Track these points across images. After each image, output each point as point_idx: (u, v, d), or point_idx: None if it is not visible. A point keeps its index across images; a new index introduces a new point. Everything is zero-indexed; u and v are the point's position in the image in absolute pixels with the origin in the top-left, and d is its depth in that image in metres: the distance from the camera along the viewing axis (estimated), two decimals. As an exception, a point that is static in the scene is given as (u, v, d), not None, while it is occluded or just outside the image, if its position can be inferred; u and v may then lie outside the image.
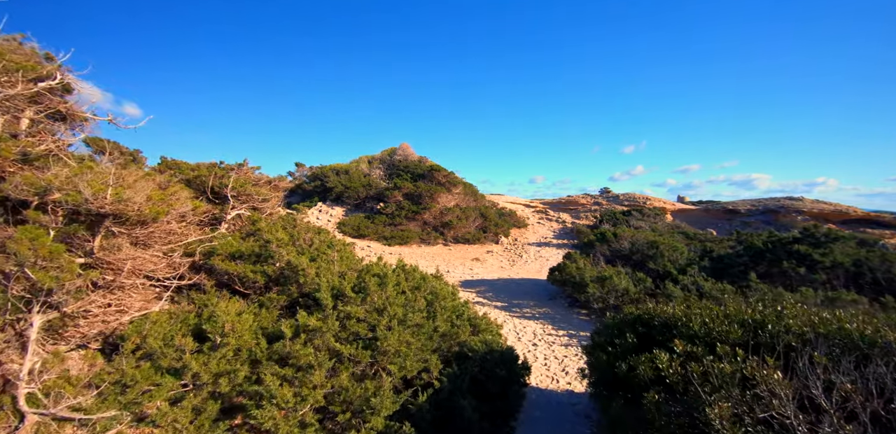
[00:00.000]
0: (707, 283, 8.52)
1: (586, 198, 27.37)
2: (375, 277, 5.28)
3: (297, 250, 7.12)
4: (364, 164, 28.72)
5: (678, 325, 3.52)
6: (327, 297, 4.85)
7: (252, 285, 6.00)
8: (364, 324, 4.64)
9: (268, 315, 5.14)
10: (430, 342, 4.63)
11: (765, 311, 3.49)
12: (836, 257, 8.57)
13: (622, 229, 11.66)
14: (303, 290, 5.48)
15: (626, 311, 4.36)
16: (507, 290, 12.52)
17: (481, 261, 17.90)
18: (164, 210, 4.92)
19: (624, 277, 9.42)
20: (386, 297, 5.07)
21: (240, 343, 4.03)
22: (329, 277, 5.61)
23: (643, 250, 10.70)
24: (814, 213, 20.46)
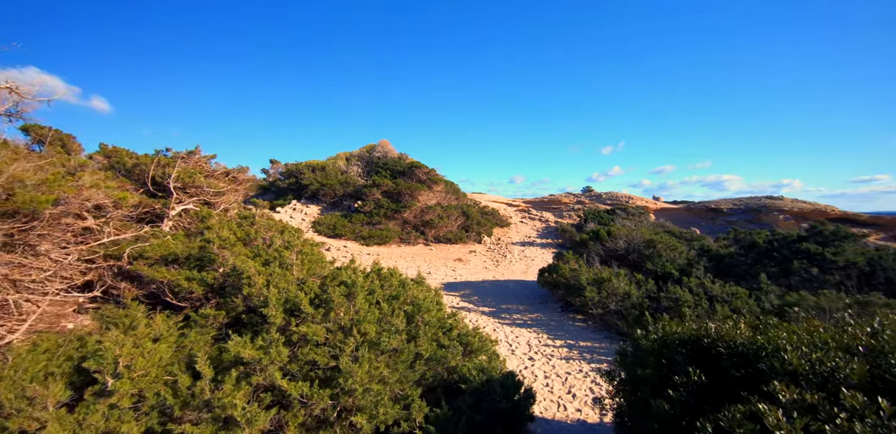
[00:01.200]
0: (715, 285, 7.63)
1: (569, 197, 26.64)
2: (342, 286, 4.09)
3: (252, 252, 5.85)
4: (342, 161, 27.27)
5: (763, 357, 2.47)
6: (276, 313, 3.64)
7: (188, 296, 4.73)
8: (324, 349, 3.45)
9: (200, 338, 3.89)
10: (412, 373, 3.47)
11: (882, 335, 2.46)
12: (848, 256, 7.85)
13: (616, 227, 10.76)
14: (249, 304, 4.24)
15: (668, 331, 3.30)
16: (493, 293, 11.45)
17: (464, 261, 16.80)
18: (49, 198, 3.60)
19: (623, 279, 8.46)
20: (355, 312, 3.89)
21: (142, 386, 2.79)
22: (285, 286, 4.39)
23: (640, 250, 9.80)
24: (794, 212, 20.18)
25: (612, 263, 9.87)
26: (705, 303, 6.92)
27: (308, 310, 3.70)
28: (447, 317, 5.25)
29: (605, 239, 10.36)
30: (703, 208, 21.76)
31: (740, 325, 2.89)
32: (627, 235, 10.00)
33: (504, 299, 10.65)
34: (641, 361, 3.08)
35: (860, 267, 7.66)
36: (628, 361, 3.23)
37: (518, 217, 25.13)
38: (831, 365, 2.29)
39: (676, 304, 7.17)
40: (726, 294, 7.26)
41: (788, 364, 2.36)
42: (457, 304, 10.04)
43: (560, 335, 7.73)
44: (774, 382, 2.19)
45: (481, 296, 11.01)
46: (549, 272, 10.27)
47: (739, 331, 2.83)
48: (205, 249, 4.87)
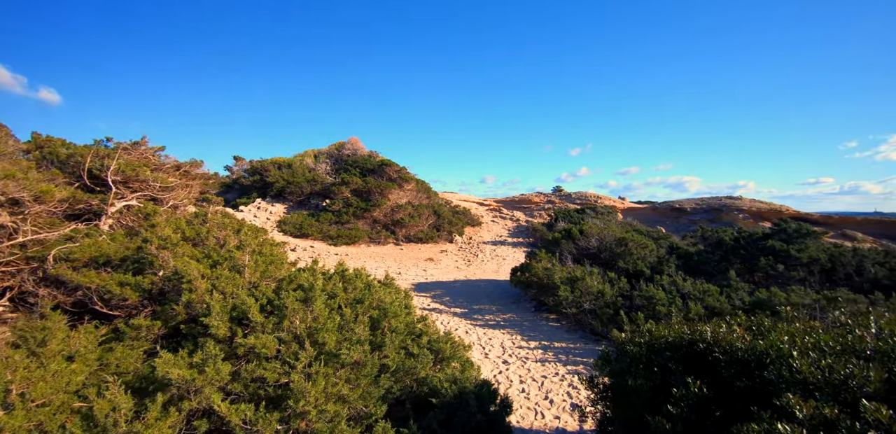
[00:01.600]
0: (686, 283, 7.58)
1: (539, 196, 26.73)
2: (298, 290, 3.63)
3: (202, 253, 5.29)
4: (309, 159, 26.33)
5: (767, 364, 2.21)
6: (220, 323, 3.16)
7: (121, 304, 4.14)
8: (275, 363, 2.99)
9: (129, 353, 3.35)
10: (376, 388, 3.06)
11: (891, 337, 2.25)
12: (811, 253, 7.99)
13: (588, 225, 10.66)
14: (192, 312, 3.72)
15: (656, 334, 3.04)
16: (465, 293, 11.13)
17: (435, 261, 16.43)
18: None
19: (597, 278, 8.31)
20: (313, 319, 3.45)
21: (42, 418, 2.27)
22: (233, 291, 3.89)
23: (612, 248, 9.71)
24: (752, 212, 20.92)
25: (584, 262, 9.74)
26: (679, 300, 6.83)
27: (257, 318, 3.23)
28: (417, 321, 4.87)
29: (578, 237, 10.23)
30: (668, 208, 22.28)
31: (736, 329, 2.64)
32: (599, 234, 9.91)
33: (476, 299, 10.35)
34: (630, 369, 2.79)
35: (822, 263, 7.82)
36: (615, 369, 2.94)
37: (489, 216, 24.98)
38: (845, 372, 2.05)
39: (650, 302, 7.04)
40: (698, 291, 7.20)
41: (797, 372, 2.11)
42: (428, 306, 9.66)
43: (534, 336, 7.48)
44: (788, 395, 1.93)
45: (453, 296, 10.66)
46: (522, 271, 10.04)
47: (736, 334, 2.58)
48: (142, 250, 4.29)
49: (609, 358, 3.41)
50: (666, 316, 6.74)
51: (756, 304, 6.39)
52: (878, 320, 2.79)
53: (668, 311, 6.73)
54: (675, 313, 6.71)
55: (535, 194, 27.11)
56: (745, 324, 2.78)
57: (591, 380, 3.60)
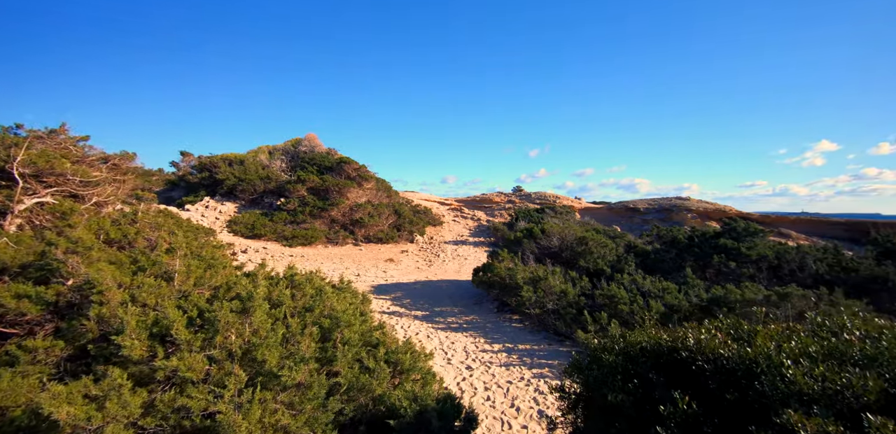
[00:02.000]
0: (646, 281, 7.62)
1: (500, 196, 26.82)
2: (235, 300, 3.14)
3: (129, 258, 4.64)
4: (263, 155, 25.03)
5: (758, 374, 2.02)
6: (134, 342, 2.64)
7: (17, 320, 3.49)
8: (202, 389, 2.52)
9: (21, 383, 2.76)
10: (324, 413, 2.65)
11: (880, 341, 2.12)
12: (760, 251, 8.28)
13: (549, 224, 10.61)
14: (105, 329, 3.15)
15: (631, 340, 2.83)
16: (426, 294, 10.78)
17: (396, 261, 15.97)
18: None
19: (559, 277, 8.21)
20: (251, 332, 2.99)
21: None
22: (157, 303, 3.35)
23: (573, 247, 9.69)
24: (700, 211, 21.95)
25: (546, 261, 9.65)
26: (640, 299, 6.82)
27: (182, 334, 2.74)
28: (374, 329, 4.46)
29: (539, 236, 10.14)
30: (623, 207, 22.99)
31: (718, 335, 2.46)
32: (561, 233, 9.87)
33: (438, 301, 10.03)
34: (607, 381, 2.55)
35: (770, 260, 8.15)
36: (590, 380, 2.69)
37: (451, 216, 24.76)
38: (841, 382, 1.88)
39: (612, 301, 6.99)
40: (657, 289, 7.24)
41: (792, 383, 1.92)
42: (388, 309, 9.23)
43: (497, 338, 7.25)
44: (789, 412, 1.72)
45: (414, 298, 10.29)
46: (484, 272, 9.82)
47: (718, 340, 2.39)
48: (46, 255, 3.63)
49: (580, 365, 3.17)
50: (629, 314, 6.71)
51: (713, 300, 6.47)
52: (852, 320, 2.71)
53: (630, 309, 6.69)
54: (637, 311, 6.68)
55: (495, 194, 27.18)
56: (726, 328, 2.61)
57: (562, 388, 3.35)
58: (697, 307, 6.68)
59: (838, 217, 24.25)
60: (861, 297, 6.98)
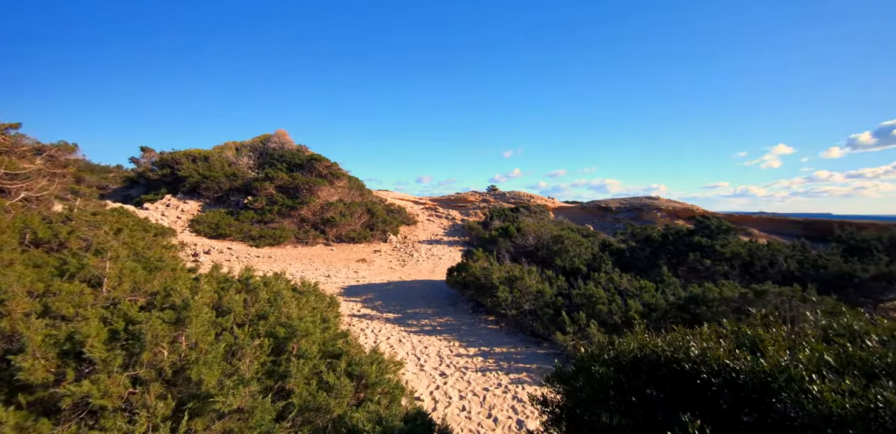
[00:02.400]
0: (623, 280, 7.47)
1: (475, 195, 26.62)
2: (168, 310, 2.67)
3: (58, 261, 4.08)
4: (230, 151, 23.92)
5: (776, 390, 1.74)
6: (35, 364, 2.15)
7: None
8: (120, 418, 2.06)
9: None
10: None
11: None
12: (733, 248, 8.30)
13: (525, 223, 10.38)
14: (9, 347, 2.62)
15: (622, 349, 2.53)
16: (399, 295, 10.36)
17: (368, 262, 15.45)
18: None
19: (535, 277, 7.97)
20: (189, 346, 2.54)
21: None
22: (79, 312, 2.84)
23: (549, 246, 9.48)
24: (669, 210, 22.37)
25: (522, 260, 9.40)
26: (618, 298, 6.63)
27: (98, 352, 2.26)
28: (337, 337, 4.04)
29: (515, 235, 9.89)
30: (595, 207, 23.21)
31: (722, 343, 2.18)
32: (536, 231, 9.65)
33: (411, 303, 9.62)
34: (598, 397, 2.23)
35: (742, 257, 8.18)
36: (579, 396, 2.37)
37: (425, 215, 24.36)
38: (874, 398, 1.61)
39: (590, 301, 6.78)
40: (635, 288, 7.09)
41: (819, 401, 1.64)
42: (358, 312, 8.76)
43: (473, 341, 6.92)
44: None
45: (386, 300, 9.84)
46: (459, 271, 9.49)
47: (724, 348, 2.11)
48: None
49: (565, 376, 2.86)
50: (608, 314, 6.50)
51: (691, 299, 6.35)
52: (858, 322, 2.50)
53: (608, 309, 6.49)
54: (616, 311, 6.49)
55: (470, 193, 26.96)
56: (728, 334, 2.34)
57: (544, 400, 3.03)
58: (675, 306, 6.55)
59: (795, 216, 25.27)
60: (830, 293, 7.04)
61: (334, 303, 8.00)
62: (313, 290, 7.80)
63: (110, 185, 25.40)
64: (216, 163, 21.34)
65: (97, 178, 25.47)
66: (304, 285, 7.95)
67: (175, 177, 20.88)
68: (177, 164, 21.18)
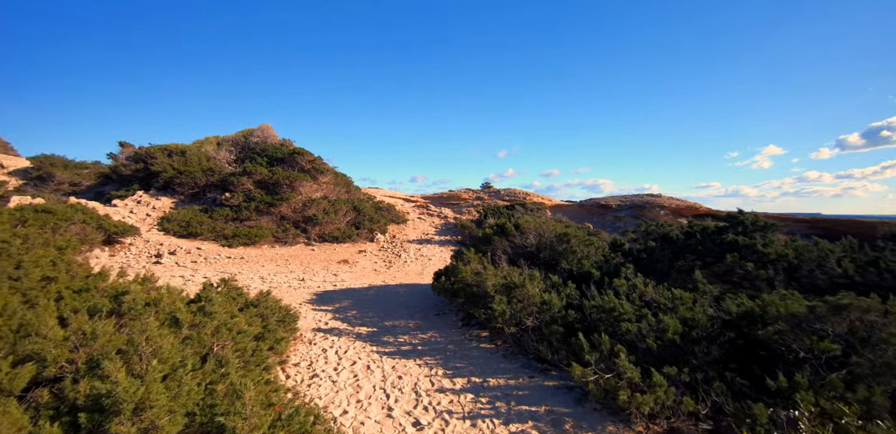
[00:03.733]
0: (648, 288, 5.85)
1: (468, 192, 24.96)
2: None
3: None
4: (211, 146, 22.11)
5: None
6: None
7: None
8: None
9: None
10: None
11: None
12: (778, 248, 6.73)
13: (524, 219, 8.76)
14: None
15: None
16: (379, 303, 8.68)
17: (350, 263, 13.75)
18: None
19: (539, 284, 6.33)
20: None
21: None
22: None
23: (552, 246, 7.85)
24: (672, 208, 20.84)
25: (521, 263, 7.76)
26: (648, 314, 5.01)
27: None
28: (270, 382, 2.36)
29: (513, 233, 8.26)
30: (594, 205, 21.63)
31: None
32: (538, 229, 8.03)
33: (391, 312, 7.95)
34: None
35: (789, 259, 6.63)
36: None
37: (416, 213, 22.68)
38: None
39: (611, 316, 5.15)
40: (666, 299, 5.46)
41: None
42: (325, 325, 7.09)
43: (461, 368, 5.26)
44: None
45: (362, 309, 8.17)
46: (447, 276, 7.84)
47: None
48: None
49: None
50: (637, 335, 4.87)
51: (745, 315, 4.73)
52: None
53: (637, 328, 4.86)
54: (646, 332, 4.86)
55: (463, 191, 25.30)
56: None
57: None
58: (720, 323, 4.93)
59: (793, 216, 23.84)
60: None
61: (290, 317, 6.31)
62: (266, 302, 6.13)
63: (83, 181, 23.51)
64: (193, 157, 19.56)
65: (69, 175, 23.59)
66: (258, 297, 6.29)
67: (148, 172, 19.11)
68: (151, 159, 19.39)
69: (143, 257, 12.82)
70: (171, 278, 10.54)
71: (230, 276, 11.63)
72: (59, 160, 25.62)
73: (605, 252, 8.23)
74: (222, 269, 11.94)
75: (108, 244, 13.50)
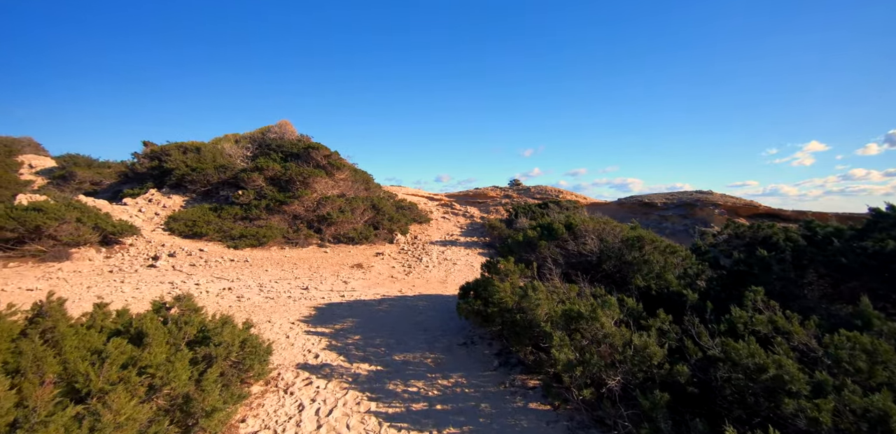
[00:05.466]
0: (795, 326, 3.62)
1: (495, 190, 22.79)
2: None
3: None
4: (228, 143, 20.82)
5: None
6: None
7: None
8: None
9: None
10: None
11: None
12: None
13: (580, 218, 6.59)
14: None
15: None
16: (390, 323, 6.72)
17: (365, 268, 11.88)
18: None
19: (615, 312, 4.17)
20: None
21: None
22: None
23: (620, 253, 5.67)
24: (728, 207, 18.04)
25: (579, 277, 5.61)
26: (828, 382, 2.82)
27: None
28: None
29: (564, 236, 6.12)
30: (637, 203, 19.07)
31: None
32: (598, 230, 5.87)
33: (404, 338, 5.97)
34: None
35: None
36: None
37: (440, 212, 20.69)
38: None
39: (757, 380, 2.97)
40: (842, 349, 3.23)
41: None
42: (314, 358, 5.16)
43: (504, 457, 3.20)
44: None
45: (367, 333, 6.22)
46: (477, 292, 5.77)
47: None
48: None
49: None
50: (810, 422, 2.68)
51: None
52: None
53: (813, 410, 2.67)
54: (823, 416, 2.66)
55: (490, 188, 23.15)
56: None
57: None
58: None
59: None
60: None
61: (257, 355, 4.42)
62: (219, 336, 4.24)
63: (104, 180, 22.80)
64: (207, 154, 18.25)
65: (91, 174, 22.94)
66: (220, 320, 4.42)
67: (163, 170, 17.92)
68: (166, 156, 18.21)
69: (140, 259, 11.35)
70: (159, 285, 8.94)
71: (228, 282, 9.98)
72: (82, 160, 25.11)
73: (692, 263, 5.96)
74: (220, 274, 10.28)
75: (106, 245, 12.15)
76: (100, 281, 9.17)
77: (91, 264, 10.77)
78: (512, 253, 6.29)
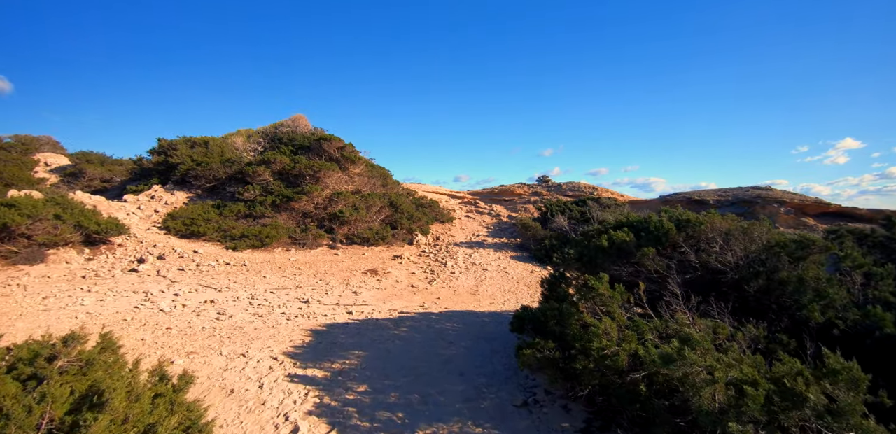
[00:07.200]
0: None
1: (523, 187, 20.57)
2: None
3: None
4: (240, 138, 19.24)
5: None
6: None
7: None
8: None
9: None
10: None
11: None
12: None
13: (704, 216, 4.40)
14: None
15: None
16: (410, 363, 4.69)
17: (380, 274, 9.91)
18: None
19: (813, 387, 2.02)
20: None
21: None
22: None
23: (771, 270, 3.52)
24: (795, 204, 15.45)
25: (708, 306, 3.48)
26: None
27: None
28: None
29: (677, 243, 3.97)
30: (685, 200, 16.60)
31: None
32: (735, 234, 3.71)
33: (431, 393, 3.93)
34: None
35: None
36: None
37: (463, 210, 18.62)
38: None
39: None
40: None
41: None
42: (292, 426, 3.17)
43: None
44: None
45: (379, 377, 4.21)
46: (543, 327, 3.70)
47: None
48: None
49: None
50: None
51: None
52: None
53: None
54: None
55: (517, 185, 20.94)
56: None
57: None
58: None
59: None
60: None
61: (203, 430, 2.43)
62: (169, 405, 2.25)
63: (115, 177, 21.63)
64: (214, 148, 16.67)
65: (102, 171, 21.79)
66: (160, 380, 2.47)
67: (167, 164, 16.42)
68: (172, 150, 16.71)
69: (124, 262, 9.67)
70: (130, 296, 7.17)
71: (214, 292, 7.50)
72: (96, 157, 24.05)
73: (856, 284, 3.73)
74: (209, 282, 8.48)
75: (91, 245, 10.53)
76: (64, 289, 7.45)
77: (66, 268, 9.11)
78: (596, 266, 4.14)
